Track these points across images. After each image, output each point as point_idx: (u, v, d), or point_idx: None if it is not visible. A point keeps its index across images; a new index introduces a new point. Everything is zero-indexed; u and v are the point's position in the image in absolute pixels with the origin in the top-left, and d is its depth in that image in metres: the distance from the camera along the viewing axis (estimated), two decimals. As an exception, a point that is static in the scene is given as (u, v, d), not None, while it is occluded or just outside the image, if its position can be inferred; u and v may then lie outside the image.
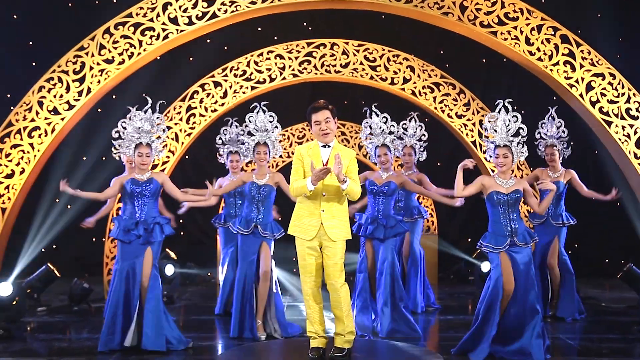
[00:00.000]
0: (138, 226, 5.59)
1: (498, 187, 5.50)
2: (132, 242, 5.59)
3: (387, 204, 6.33)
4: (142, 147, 5.71)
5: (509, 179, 5.52)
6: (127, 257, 5.59)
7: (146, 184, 5.68)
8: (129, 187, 5.66)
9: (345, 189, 4.63)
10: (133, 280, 5.58)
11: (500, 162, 5.49)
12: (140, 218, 5.64)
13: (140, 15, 6.67)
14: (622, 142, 6.65)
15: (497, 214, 5.48)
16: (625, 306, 8.16)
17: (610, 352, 5.75)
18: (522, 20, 6.68)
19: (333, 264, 4.72)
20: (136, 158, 5.70)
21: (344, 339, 4.78)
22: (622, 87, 6.71)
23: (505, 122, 5.48)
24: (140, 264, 5.60)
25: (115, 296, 5.56)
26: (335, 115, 4.87)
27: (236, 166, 7.33)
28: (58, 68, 6.65)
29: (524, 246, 5.42)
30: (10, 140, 6.58)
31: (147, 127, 5.80)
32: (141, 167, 5.70)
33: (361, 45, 8.97)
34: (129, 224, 5.59)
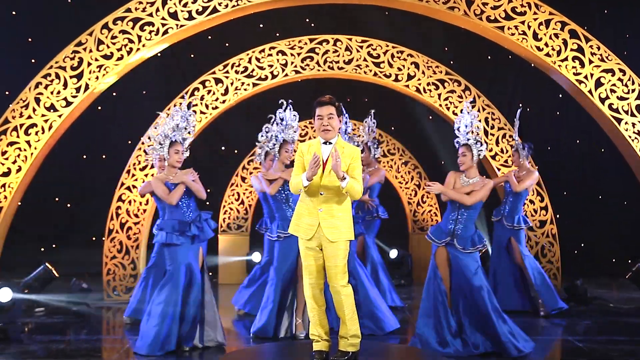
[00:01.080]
0: (191, 226, 5.53)
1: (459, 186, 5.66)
2: (184, 244, 5.52)
3: None
4: (177, 144, 5.61)
5: (471, 179, 5.64)
6: (181, 258, 5.52)
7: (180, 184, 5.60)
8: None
9: (344, 187, 4.48)
10: (192, 280, 5.54)
11: (460, 161, 5.68)
12: (190, 218, 5.56)
13: (139, 10, 6.55)
14: (632, 139, 6.50)
15: (449, 209, 5.61)
16: (634, 307, 8.02)
17: (619, 355, 5.62)
18: (529, 14, 6.54)
19: (333, 266, 4.56)
20: (172, 156, 5.59)
21: (347, 342, 4.64)
22: (633, 83, 6.56)
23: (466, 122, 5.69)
24: (197, 263, 5.58)
25: (173, 298, 5.47)
26: (341, 113, 4.73)
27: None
28: (55, 64, 6.53)
29: (462, 250, 5.48)
30: (7, 138, 6.46)
31: (183, 124, 5.70)
32: (176, 165, 5.62)
33: (365, 41, 8.82)
34: (183, 225, 5.51)
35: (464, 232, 5.53)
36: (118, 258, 8.31)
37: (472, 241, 5.52)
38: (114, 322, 7.41)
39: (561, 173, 11.54)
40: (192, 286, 5.54)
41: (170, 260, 5.56)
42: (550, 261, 8.23)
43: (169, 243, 5.51)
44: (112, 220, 8.37)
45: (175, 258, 5.53)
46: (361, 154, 7.01)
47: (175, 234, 5.50)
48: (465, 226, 5.54)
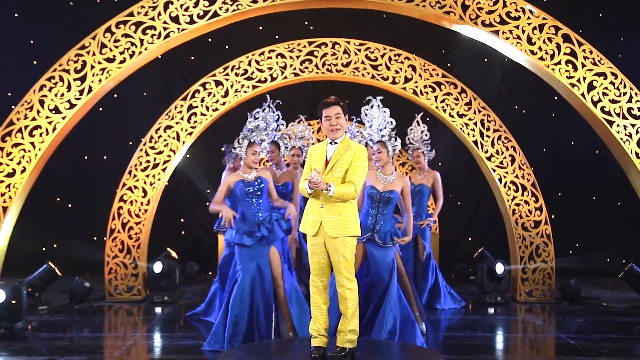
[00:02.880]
0: (260, 227, 5.61)
1: (376, 182, 5.83)
2: (253, 244, 5.61)
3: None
4: (255, 145, 5.72)
5: (389, 175, 5.83)
6: (251, 258, 5.62)
7: (256, 183, 5.68)
8: (239, 189, 5.63)
9: (333, 196, 4.57)
10: (261, 281, 5.62)
11: (376, 157, 5.91)
12: (260, 219, 5.64)
13: (141, 14, 6.64)
14: (624, 141, 6.62)
15: (368, 205, 5.84)
16: (626, 306, 8.16)
17: (612, 352, 5.75)
18: (523, 19, 6.66)
19: (336, 262, 4.66)
20: (249, 157, 5.68)
21: (345, 337, 4.71)
22: (624, 86, 6.68)
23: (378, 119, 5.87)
24: (267, 264, 5.65)
25: (239, 298, 5.57)
26: (347, 112, 4.83)
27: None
28: (59, 67, 6.63)
29: (383, 245, 5.71)
30: (12, 139, 6.56)
31: (263, 125, 5.81)
32: (252, 165, 5.71)
33: (362, 45, 8.95)
34: (252, 226, 5.60)
35: (384, 227, 5.75)
36: (120, 257, 8.43)
37: (390, 236, 5.73)
38: (115, 320, 7.53)
39: (556, 174, 11.69)
40: (263, 285, 5.63)
41: (240, 260, 5.66)
42: (544, 261, 8.35)
43: (238, 243, 5.61)
44: (113, 220, 8.49)
45: (244, 258, 5.63)
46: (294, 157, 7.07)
47: (244, 235, 5.59)
48: (385, 221, 5.75)
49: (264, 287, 5.65)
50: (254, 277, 5.62)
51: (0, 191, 6.50)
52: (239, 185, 5.65)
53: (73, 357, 5.55)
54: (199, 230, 11.68)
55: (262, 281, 5.64)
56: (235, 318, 5.57)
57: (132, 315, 7.76)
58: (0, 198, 6.49)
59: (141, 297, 8.42)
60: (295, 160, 7.04)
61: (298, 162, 7.03)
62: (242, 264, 5.66)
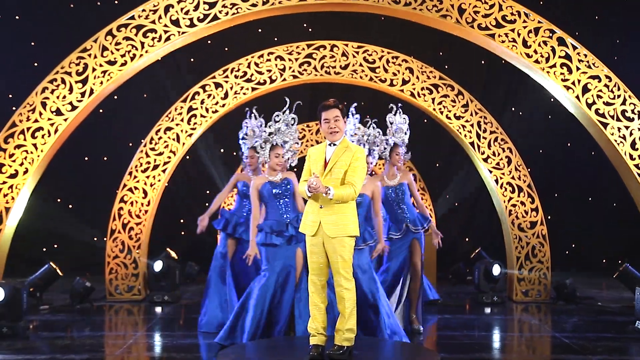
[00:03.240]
0: (288, 227, 5.69)
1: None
2: (281, 244, 5.69)
3: None
4: (277, 147, 5.81)
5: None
6: (278, 258, 5.70)
7: (284, 184, 5.77)
8: (267, 190, 5.72)
9: (332, 198, 4.64)
10: (286, 280, 5.71)
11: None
12: (288, 219, 5.73)
13: (142, 17, 6.74)
14: (618, 143, 6.72)
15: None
16: (621, 306, 8.25)
17: (605, 351, 5.84)
18: (519, 23, 6.76)
19: (334, 262, 4.74)
20: (272, 159, 5.78)
21: (343, 336, 4.80)
22: (618, 89, 6.78)
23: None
24: (294, 264, 5.73)
25: (263, 297, 5.65)
26: (345, 114, 4.92)
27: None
28: (61, 69, 6.73)
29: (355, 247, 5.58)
30: (14, 141, 6.65)
31: (283, 127, 5.88)
32: (276, 168, 5.80)
33: (360, 47, 9.05)
34: (281, 226, 5.68)
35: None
36: (120, 257, 8.53)
37: (363, 238, 5.75)
38: (116, 320, 7.62)
39: (553, 175, 11.81)
40: (286, 285, 5.70)
41: (266, 260, 5.73)
42: (540, 261, 8.45)
43: (267, 243, 5.68)
44: (114, 220, 8.58)
45: (272, 258, 5.70)
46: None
47: (274, 235, 5.66)
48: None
49: (288, 286, 5.72)
50: (279, 277, 5.70)
51: (3, 192, 6.59)
52: (266, 187, 5.74)
53: (75, 356, 5.63)
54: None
55: (286, 281, 5.72)
56: (258, 317, 5.65)
57: (132, 315, 7.85)
58: (3, 199, 6.58)
59: (141, 297, 8.51)
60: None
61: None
62: (269, 263, 5.73)
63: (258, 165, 6.89)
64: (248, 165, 6.80)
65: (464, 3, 6.72)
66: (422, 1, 6.69)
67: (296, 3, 6.66)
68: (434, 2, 6.70)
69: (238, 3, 6.67)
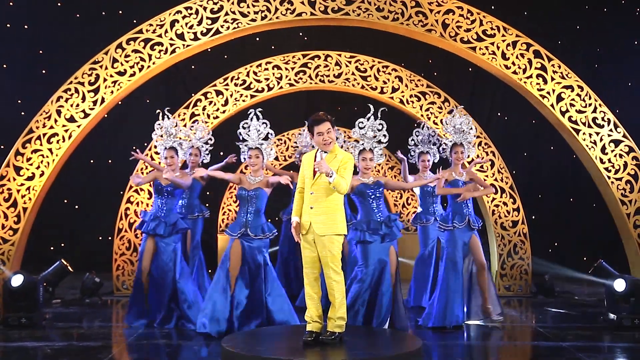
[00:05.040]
0: (382, 226, 6.17)
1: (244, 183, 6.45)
2: (375, 241, 6.15)
3: None
4: (365, 152, 6.33)
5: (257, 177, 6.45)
6: (373, 254, 6.14)
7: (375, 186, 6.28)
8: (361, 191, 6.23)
9: (332, 182, 5.11)
10: (382, 275, 6.14)
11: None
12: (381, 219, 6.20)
13: (149, 31, 7.26)
14: (590, 148, 7.28)
15: (241, 205, 6.46)
16: (596, 299, 8.80)
17: (575, 338, 6.37)
18: (498, 37, 7.31)
19: (323, 256, 5.26)
20: (361, 163, 6.31)
21: (335, 323, 5.32)
22: (589, 98, 7.33)
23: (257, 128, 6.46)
24: (388, 261, 6.19)
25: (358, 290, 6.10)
26: (334, 124, 5.45)
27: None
28: (75, 80, 7.24)
29: (254, 237, 6.27)
30: (31, 146, 7.16)
31: (370, 133, 6.40)
32: (366, 172, 6.31)
33: (353, 57, 9.62)
34: (375, 225, 6.14)
35: (255, 221, 6.32)
36: (127, 255, 9.04)
37: (262, 229, 6.31)
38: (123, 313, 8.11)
39: (537, 177, 12.36)
40: (382, 279, 6.15)
41: (363, 256, 6.19)
42: (521, 258, 9.00)
43: (362, 240, 6.16)
44: (121, 220, 9.10)
45: (367, 254, 6.16)
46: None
47: (369, 232, 6.14)
48: (256, 216, 6.33)
49: (385, 280, 6.17)
50: (374, 272, 6.16)
51: (21, 193, 7.10)
52: (360, 188, 6.27)
53: (90, 343, 6.15)
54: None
55: (382, 275, 6.17)
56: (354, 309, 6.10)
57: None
58: (21, 200, 7.09)
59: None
60: (193, 160, 7.81)
61: (196, 162, 7.82)
62: (364, 260, 6.19)
63: (177, 165, 7.13)
64: (168, 165, 7.01)
65: (448, 18, 7.27)
66: (408, 16, 7.23)
67: (292, 18, 7.20)
68: (419, 17, 7.24)
69: (238, 18, 7.20)
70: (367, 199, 6.26)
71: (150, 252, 6.91)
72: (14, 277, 6.71)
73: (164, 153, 7.05)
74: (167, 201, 6.98)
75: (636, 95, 12.03)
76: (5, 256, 6.98)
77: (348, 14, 7.16)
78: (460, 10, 7.26)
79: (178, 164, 7.12)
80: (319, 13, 7.14)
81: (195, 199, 8.10)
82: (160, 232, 6.82)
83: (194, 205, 8.03)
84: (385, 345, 5.53)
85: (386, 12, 7.16)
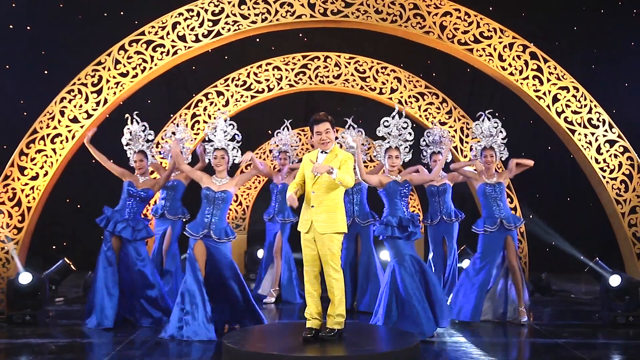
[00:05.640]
0: (410, 224, 6.33)
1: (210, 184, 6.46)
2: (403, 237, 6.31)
3: None
4: (392, 150, 6.52)
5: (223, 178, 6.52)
6: (403, 250, 6.30)
7: (405, 185, 6.47)
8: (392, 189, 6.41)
9: (335, 178, 5.22)
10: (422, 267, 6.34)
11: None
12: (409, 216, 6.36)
13: (152, 33, 7.36)
14: (585, 148, 7.39)
15: (204, 205, 6.41)
16: (592, 297, 8.93)
17: (570, 335, 6.50)
18: (495, 38, 7.42)
19: (323, 255, 5.39)
20: (387, 161, 6.50)
21: (334, 320, 5.44)
22: (585, 99, 7.44)
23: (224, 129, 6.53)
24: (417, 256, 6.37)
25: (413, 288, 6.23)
26: (334, 125, 5.58)
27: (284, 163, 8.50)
28: (78, 81, 7.34)
29: (218, 240, 6.25)
30: (35, 146, 7.26)
31: (395, 132, 6.58)
32: (393, 170, 6.46)
33: (352, 58, 9.74)
34: (405, 222, 6.31)
35: (219, 224, 6.31)
36: (129, 253, 9.13)
37: (225, 232, 6.30)
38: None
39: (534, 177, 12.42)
40: (424, 271, 6.33)
41: (394, 251, 6.35)
42: (518, 256, 9.08)
43: (390, 236, 6.32)
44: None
45: (398, 249, 6.33)
46: None
47: (397, 229, 6.31)
48: (219, 219, 6.32)
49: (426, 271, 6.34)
50: (413, 264, 6.30)
51: (25, 193, 7.21)
52: (391, 186, 6.43)
53: (95, 340, 6.27)
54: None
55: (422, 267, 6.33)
56: (389, 302, 6.26)
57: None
58: (25, 199, 7.20)
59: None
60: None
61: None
62: (398, 255, 6.33)
63: (146, 168, 7.26)
64: (139, 168, 7.18)
65: (445, 20, 7.37)
66: (406, 18, 7.33)
67: (292, 20, 7.30)
68: (417, 19, 7.35)
69: (239, 20, 7.30)
70: (396, 196, 6.41)
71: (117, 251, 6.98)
72: (21, 275, 6.82)
73: (133, 157, 7.21)
74: (138, 205, 7.09)
75: (633, 96, 12.13)
76: (9, 255, 7.08)
77: (347, 16, 7.27)
78: (457, 13, 7.36)
79: (148, 168, 7.26)
80: (319, 15, 7.25)
81: (178, 201, 8.21)
82: (126, 236, 6.90)
83: (177, 206, 8.17)
84: (383, 341, 5.64)
85: (385, 15, 7.27)
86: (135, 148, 7.23)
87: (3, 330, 6.57)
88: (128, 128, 7.27)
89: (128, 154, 7.28)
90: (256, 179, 11.34)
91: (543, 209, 12.08)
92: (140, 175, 7.23)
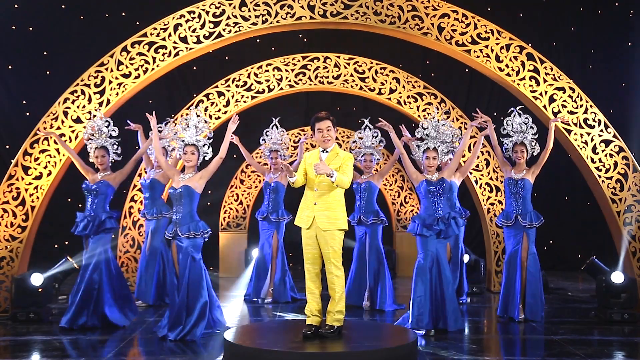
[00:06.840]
0: (439, 222, 6.42)
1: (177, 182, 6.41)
2: (431, 235, 6.41)
3: None
4: (429, 151, 6.63)
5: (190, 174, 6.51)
6: (430, 247, 6.41)
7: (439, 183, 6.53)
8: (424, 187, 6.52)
9: (334, 181, 5.34)
10: (440, 266, 6.42)
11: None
12: (440, 215, 6.44)
13: (154, 35, 7.46)
14: (581, 148, 7.49)
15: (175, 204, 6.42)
16: (589, 295, 9.03)
17: (566, 332, 6.60)
18: (492, 40, 7.51)
19: (326, 252, 5.47)
20: (424, 161, 6.61)
21: (333, 317, 5.52)
22: (581, 99, 7.54)
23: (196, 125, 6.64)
24: (444, 254, 6.48)
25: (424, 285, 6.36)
26: (335, 124, 5.69)
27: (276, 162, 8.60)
28: (81, 82, 7.45)
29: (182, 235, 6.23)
30: (39, 146, 7.37)
31: (433, 133, 6.71)
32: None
33: (351, 59, 9.83)
34: (432, 220, 6.41)
35: (184, 220, 6.25)
36: (131, 252, 9.26)
37: (188, 229, 6.22)
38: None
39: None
40: (440, 271, 6.42)
41: (422, 248, 6.46)
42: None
43: (419, 234, 6.43)
44: (125, 218, 9.31)
45: (425, 247, 6.44)
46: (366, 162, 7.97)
47: (425, 227, 6.42)
48: (183, 216, 6.26)
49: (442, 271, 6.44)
50: (432, 264, 6.41)
51: (29, 192, 7.31)
52: (423, 184, 6.53)
53: (98, 337, 6.37)
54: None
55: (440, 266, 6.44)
56: (419, 298, 6.35)
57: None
58: (29, 198, 7.30)
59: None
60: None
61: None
62: (424, 252, 6.45)
63: (108, 164, 7.18)
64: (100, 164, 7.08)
65: (443, 22, 7.47)
66: (405, 20, 7.43)
67: (292, 22, 7.40)
68: (416, 21, 7.45)
69: (240, 22, 7.40)
70: (430, 195, 6.52)
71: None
72: (33, 276, 6.93)
73: (93, 152, 7.05)
74: (98, 200, 7.01)
75: (630, 96, 12.23)
76: (13, 253, 7.19)
77: (346, 18, 7.37)
78: (455, 14, 7.46)
79: (109, 164, 7.17)
80: (318, 17, 7.35)
81: (159, 199, 8.26)
82: (87, 232, 6.85)
83: (158, 204, 8.22)
84: (382, 338, 5.74)
85: (383, 16, 7.37)
86: (97, 144, 7.06)
87: (7, 328, 6.68)
88: (93, 122, 7.08)
89: (88, 149, 7.09)
90: (257, 178, 11.43)
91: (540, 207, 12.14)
92: (102, 171, 7.10)
